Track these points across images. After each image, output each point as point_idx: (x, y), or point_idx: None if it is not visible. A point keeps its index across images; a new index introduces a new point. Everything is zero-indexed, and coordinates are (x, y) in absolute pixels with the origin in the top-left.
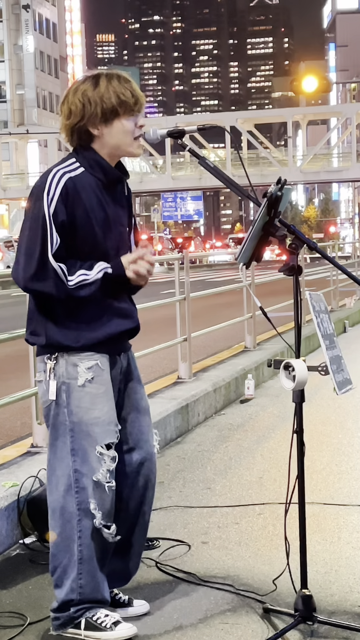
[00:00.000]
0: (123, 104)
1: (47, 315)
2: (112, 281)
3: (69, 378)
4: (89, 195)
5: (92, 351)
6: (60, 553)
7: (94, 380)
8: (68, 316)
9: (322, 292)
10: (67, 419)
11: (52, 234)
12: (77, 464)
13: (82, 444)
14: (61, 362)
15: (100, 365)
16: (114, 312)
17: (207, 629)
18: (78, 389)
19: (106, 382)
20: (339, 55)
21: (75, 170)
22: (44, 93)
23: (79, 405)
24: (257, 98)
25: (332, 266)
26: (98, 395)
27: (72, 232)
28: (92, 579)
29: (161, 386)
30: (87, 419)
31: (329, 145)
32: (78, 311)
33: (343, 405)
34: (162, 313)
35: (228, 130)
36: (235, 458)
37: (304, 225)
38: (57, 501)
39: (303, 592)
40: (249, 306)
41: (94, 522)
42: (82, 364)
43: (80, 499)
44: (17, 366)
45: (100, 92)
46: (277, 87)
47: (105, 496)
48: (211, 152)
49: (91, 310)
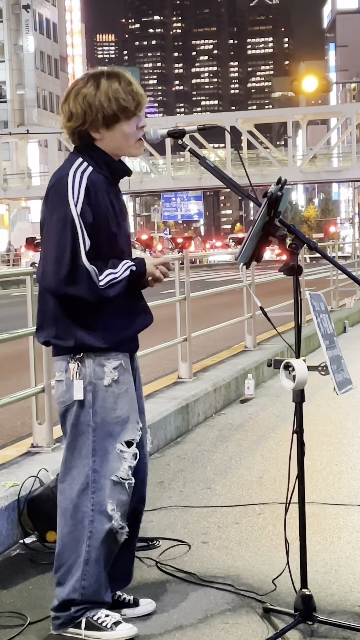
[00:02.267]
0: (124, 109)
1: (75, 318)
2: (135, 280)
3: (96, 378)
4: (103, 194)
5: (117, 350)
6: (67, 552)
7: (118, 379)
8: (95, 317)
9: (322, 292)
10: (91, 419)
11: (84, 236)
12: (97, 464)
13: (104, 444)
14: (88, 362)
15: (124, 365)
16: (137, 310)
17: (207, 628)
18: (104, 389)
19: (128, 381)
20: (339, 55)
21: (87, 170)
22: (44, 93)
23: (104, 405)
24: (257, 98)
25: (332, 266)
26: (121, 395)
27: (97, 232)
28: (96, 581)
29: (161, 386)
30: (110, 418)
31: (329, 145)
32: (104, 312)
33: (343, 405)
34: (162, 313)
35: (228, 130)
36: (235, 458)
37: (304, 225)
38: (69, 501)
39: (303, 592)
40: (249, 306)
41: (112, 524)
42: (108, 364)
43: (96, 500)
44: (17, 366)
45: (101, 97)
46: (277, 87)
47: (123, 495)
48: (211, 152)
49: (117, 310)
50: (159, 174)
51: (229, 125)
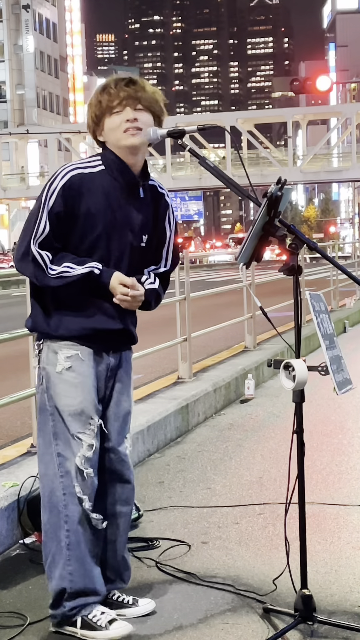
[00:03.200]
0: (102, 107)
1: (37, 302)
2: (95, 283)
3: (48, 364)
4: (98, 194)
5: (72, 341)
6: (50, 541)
7: (71, 369)
8: (53, 305)
9: (322, 292)
10: (47, 403)
11: (41, 223)
12: (60, 448)
13: (62, 428)
14: (44, 348)
15: (80, 356)
16: (98, 309)
17: (207, 629)
18: (56, 375)
19: (85, 374)
20: (339, 55)
21: (92, 168)
22: (44, 93)
23: (56, 391)
24: (257, 98)
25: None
26: (74, 384)
27: (70, 226)
28: (81, 566)
29: (161, 386)
30: (61, 405)
31: (329, 145)
32: (63, 302)
33: (343, 405)
34: (162, 313)
35: (228, 130)
36: (235, 458)
37: (304, 225)
38: (46, 486)
39: (303, 592)
40: (249, 306)
41: (83, 506)
42: (61, 352)
43: (65, 483)
44: (17, 366)
45: (90, 104)
46: (277, 87)
47: (85, 482)
48: (211, 152)
49: (75, 302)
50: (159, 174)
51: (229, 125)
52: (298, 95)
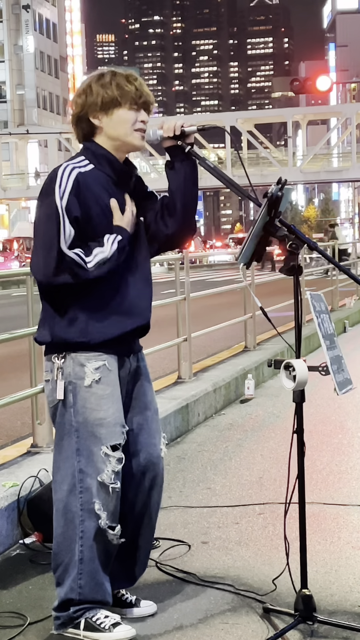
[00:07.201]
0: (125, 94)
1: (56, 312)
2: (122, 247)
3: (76, 378)
4: (100, 190)
5: (99, 351)
6: (62, 552)
7: (101, 381)
8: (76, 314)
9: (322, 292)
10: (73, 419)
11: (65, 226)
12: (82, 464)
13: (87, 444)
14: (68, 361)
15: (107, 366)
16: (122, 311)
17: (207, 629)
18: (84, 390)
19: (113, 384)
20: (339, 55)
21: (84, 167)
22: (44, 93)
23: (85, 405)
24: (257, 98)
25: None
26: (104, 397)
27: (88, 226)
28: (92, 580)
29: (161, 386)
30: (92, 419)
31: (329, 145)
32: (86, 310)
33: (343, 405)
34: (162, 313)
35: (228, 130)
36: (235, 458)
37: (304, 225)
38: (61, 501)
39: (303, 592)
40: (249, 306)
41: (99, 523)
42: (89, 364)
43: (84, 500)
44: (17, 366)
45: (102, 82)
46: (277, 87)
47: (109, 497)
48: (211, 152)
49: (99, 309)
50: (158, 174)
51: (229, 125)
52: (298, 95)
